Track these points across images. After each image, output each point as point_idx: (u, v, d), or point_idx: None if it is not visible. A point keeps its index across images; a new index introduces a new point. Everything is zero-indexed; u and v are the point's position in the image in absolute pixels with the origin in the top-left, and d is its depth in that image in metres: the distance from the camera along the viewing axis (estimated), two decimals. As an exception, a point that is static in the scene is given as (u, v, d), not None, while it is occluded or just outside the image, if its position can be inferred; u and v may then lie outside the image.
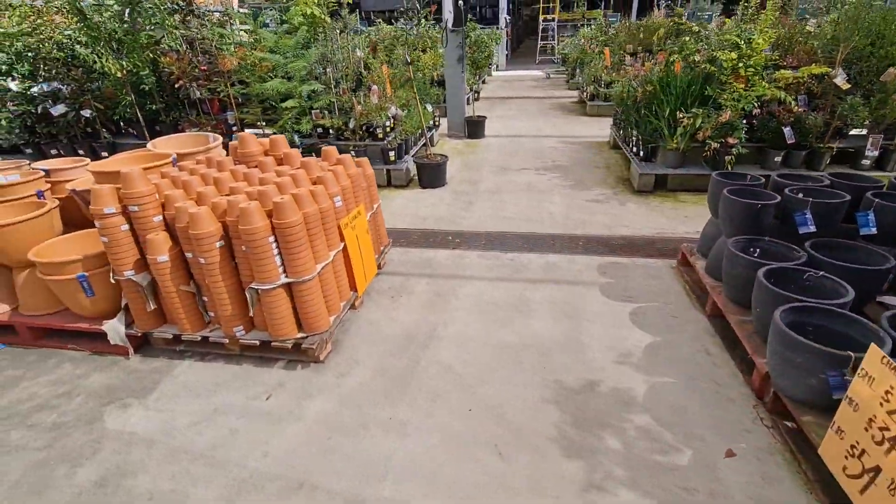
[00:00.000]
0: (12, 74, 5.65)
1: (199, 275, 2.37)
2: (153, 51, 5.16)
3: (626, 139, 5.69)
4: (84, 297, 2.48)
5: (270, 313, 2.32)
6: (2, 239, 2.44)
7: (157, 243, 2.26)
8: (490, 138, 7.35)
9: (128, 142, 5.90)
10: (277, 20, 5.42)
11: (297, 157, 2.75)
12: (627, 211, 4.35)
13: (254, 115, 5.14)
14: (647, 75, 5.23)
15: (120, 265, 2.35)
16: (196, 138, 3.47)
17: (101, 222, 2.26)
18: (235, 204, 2.18)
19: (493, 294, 3.06)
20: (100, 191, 2.23)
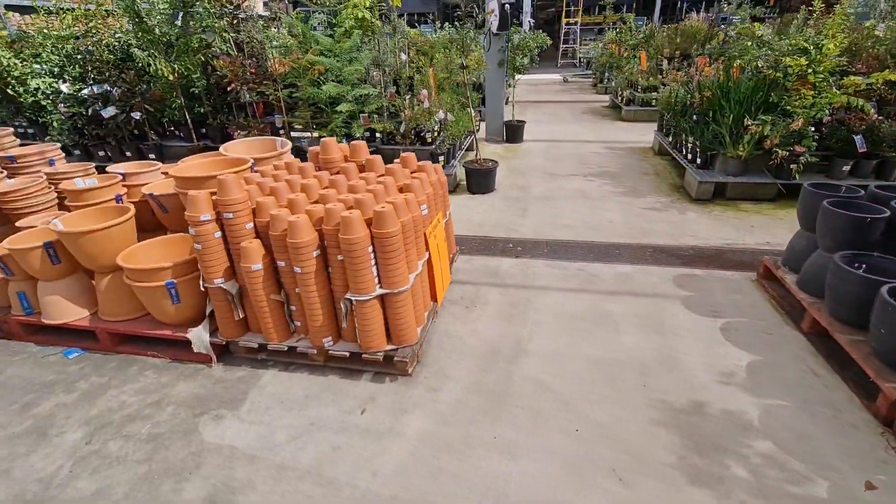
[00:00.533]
0: (63, 77, 5.71)
1: (288, 284, 2.33)
2: (205, 54, 5.16)
3: (678, 145, 5.57)
4: (170, 304, 2.44)
5: (363, 325, 2.26)
6: (92, 244, 2.41)
7: (251, 252, 2.21)
8: (529, 143, 7.27)
9: (174, 144, 5.92)
10: (325, 23, 5.39)
11: (380, 163, 2.70)
12: (689, 220, 4.23)
13: (303, 119, 5.12)
14: (703, 81, 5.10)
15: (211, 273, 2.32)
16: (263, 143, 3.44)
17: (197, 229, 2.22)
18: (335, 212, 2.13)
19: (571, 306, 2.97)
20: (196, 197, 2.19)
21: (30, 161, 3.48)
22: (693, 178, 4.74)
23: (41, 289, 2.62)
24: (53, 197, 3.29)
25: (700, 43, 8.82)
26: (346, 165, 2.65)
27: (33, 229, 2.67)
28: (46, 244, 2.48)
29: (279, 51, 5.02)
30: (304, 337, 2.45)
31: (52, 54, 5.63)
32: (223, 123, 5.72)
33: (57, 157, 3.63)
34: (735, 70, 4.84)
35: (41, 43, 5.66)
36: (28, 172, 3.47)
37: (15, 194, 3.10)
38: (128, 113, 5.49)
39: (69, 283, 2.64)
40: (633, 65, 9.71)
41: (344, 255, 2.14)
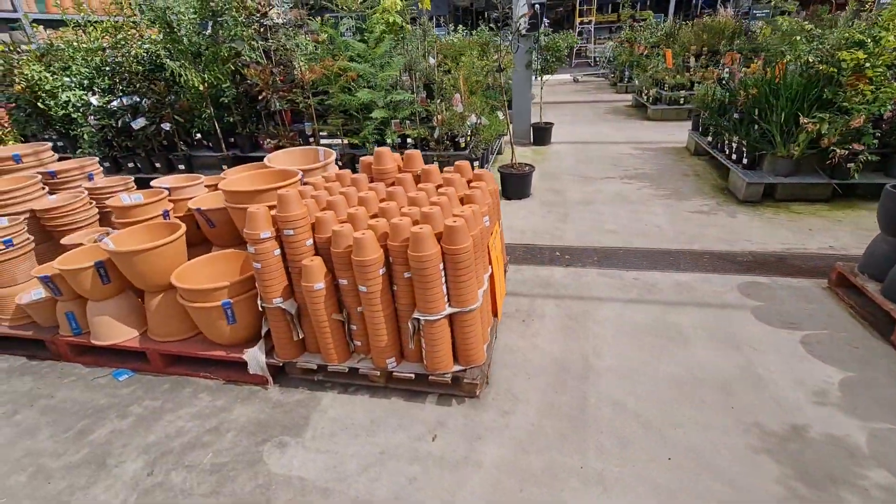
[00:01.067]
0: (93, 89, 5.69)
1: (350, 303, 2.22)
2: (234, 63, 5.11)
3: (718, 145, 5.38)
4: (225, 324, 2.35)
5: (431, 346, 2.14)
6: (145, 263, 2.33)
7: (313, 270, 2.11)
8: (557, 145, 7.12)
9: (202, 154, 5.88)
10: (353, 29, 5.31)
11: (436, 173, 2.58)
12: (741, 224, 4.06)
13: (334, 126, 5.03)
14: (747, 78, 4.92)
15: (269, 292, 2.22)
16: (305, 153, 3.35)
17: (256, 247, 2.12)
18: (402, 227, 2.01)
19: (633, 318, 2.83)
20: (256, 214, 2.10)
21: (70, 176, 3.43)
22: (740, 180, 4.56)
23: (90, 309, 2.55)
24: (95, 213, 3.24)
25: (728, 39, 8.60)
26: (402, 176, 2.54)
27: (83, 248, 2.60)
28: (97, 264, 2.40)
29: (309, 58, 4.94)
30: (364, 357, 2.34)
31: (82, 67, 5.62)
32: (252, 133, 5.66)
33: (95, 171, 3.58)
34: (780, 66, 4.65)
35: (71, 56, 5.65)
36: (68, 188, 3.42)
37: (57, 211, 3.04)
38: (158, 124, 5.45)
39: (118, 303, 2.57)
40: (656, 63, 9.51)
41: (413, 272, 2.02)
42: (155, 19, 4.70)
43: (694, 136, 6.27)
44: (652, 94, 8.79)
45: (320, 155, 3.33)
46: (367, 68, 4.59)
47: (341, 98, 4.74)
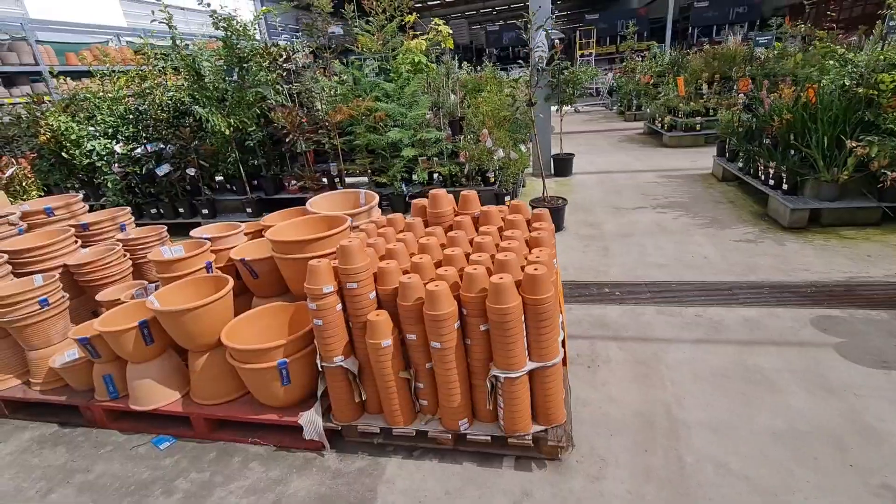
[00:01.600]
0: (117, 137, 5.70)
1: (417, 359, 2.04)
2: (261, 107, 5.10)
3: (751, 171, 5.28)
4: (279, 385, 2.17)
5: (511, 405, 1.95)
6: (195, 322, 2.17)
7: (380, 326, 1.94)
8: (579, 175, 7.05)
9: (225, 198, 5.83)
10: (376, 69, 5.33)
11: (496, 214, 2.45)
12: (792, 252, 3.89)
13: (362, 166, 4.97)
14: (780, 103, 4.86)
15: (330, 350, 2.05)
16: (346, 196, 3.24)
17: (319, 303, 1.96)
18: (478, 277, 1.86)
19: (707, 361, 2.62)
20: (318, 267, 1.95)
21: (102, 228, 3.33)
22: (782, 206, 4.42)
23: (130, 371, 2.38)
24: (129, 266, 3.11)
25: (739, 65, 8.67)
26: (461, 219, 2.40)
27: (123, 306, 2.45)
28: (141, 324, 2.25)
29: (335, 99, 4.94)
30: (431, 418, 2.14)
31: (107, 116, 5.64)
32: (277, 175, 5.61)
33: (127, 221, 3.48)
34: (811, 90, 4.59)
35: (96, 105, 5.69)
36: (101, 240, 3.31)
37: (91, 266, 2.92)
38: (183, 169, 5.42)
39: (161, 364, 2.40)
40: (667, 90, 9.57)
41: (492, 326, 1.85)
42: (184, 67, 4.72)
43: (721, 162, 6.18)
44: (667, 121, 8.79)
45: (361, 198, 3.22)
46: (396, 107, 4.55)
47: (369, 138, 4.69)
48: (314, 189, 5.37)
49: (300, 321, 2.46)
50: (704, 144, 8.53)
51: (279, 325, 2.48)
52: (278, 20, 5.10)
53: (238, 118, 5.08)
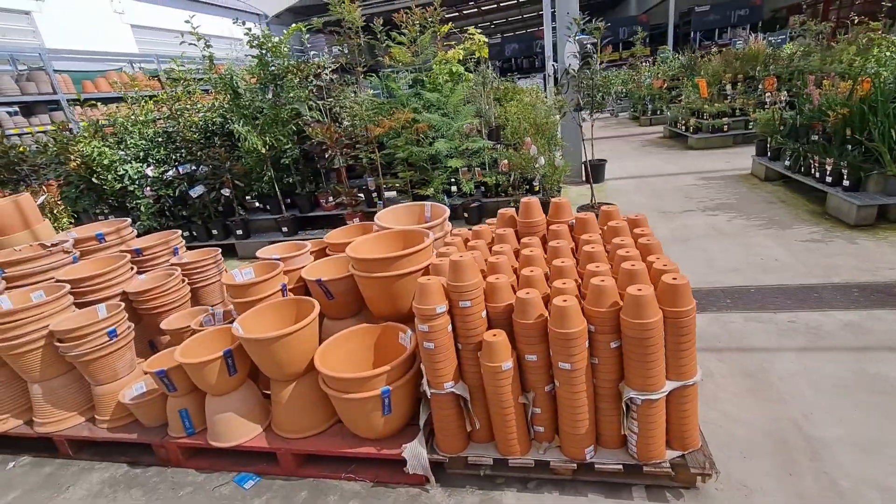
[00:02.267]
0: (147, 160, 5.61)
1: (535, 382, 1.87)
2: (296, 123, 5.00)
3: (801, 169, 5.12)
4: (379, 416, 1.99)
5: (647, 429, 1.76)
6: (285, 349, 2.01)
7: (499, 347, 1.78)
8: (612, 181, 6.92)
9: (259, 217, 5.70)
10: (409, 81, 5.24)
11: (593, 222, 2.29)
12: (869, 250, 3.71)
13: (402, 180, 4.84)
14: (833, 97, 4.71)
15: (440, 376, 1.88)
16: (410, 209, 3.10)
17: (431, 324, 1.80)
18: (608, 290, 1.70)
19: (823, 370, 2.44)
20: (429, 285, 1.79)
21: (155, 252, 3.19)
22: (846, 203, 4.25)
23: (210, 405, 2.21)
24: (188, 291, 2.97)
25: (763, 64, 8.58)
26: (557, 228, 2.25)
27: (200, 335, 2.29)
28: (226, 353, 2.09)
29: (372, 113, 4.83)
30: (548, 446, 1.96)
31: (138, 140, 5.55)
32: (312, 192, 5.49)
33: (180, 245, 3.34)
34: (866, 82, 4.45)
35: (126, 129, 5.61)
36: (154, 265, 3.17)
37: (152, 292, 2.77)
38: (217, 190, 5.30)
39: (242, 396, 2.23)
40: (688, 93, 9.48)
41: (629, 343, 1.68)
42: (221, 86, 4.63)
43: (762, 162, 6.02)
44: (692, 123, 8.67)
45: (427, 210, 3.08)
46: (441, 118, 4.44)
47: (411, 150, 4.57)
48: (352, 205, 5.25)
49: (387, 345, 2.30)
50: (733, 145, 8.39)
51: (365, 349, 2.32)
52: (306, 37, 4.98)
53: (273, 136, 4.98)
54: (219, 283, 3.29)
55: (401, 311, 2.34)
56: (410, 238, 2.55)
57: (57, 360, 2.45)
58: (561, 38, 6.47)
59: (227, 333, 2.34)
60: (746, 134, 8.28)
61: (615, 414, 1.84)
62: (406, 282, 2.25)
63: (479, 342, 1.87)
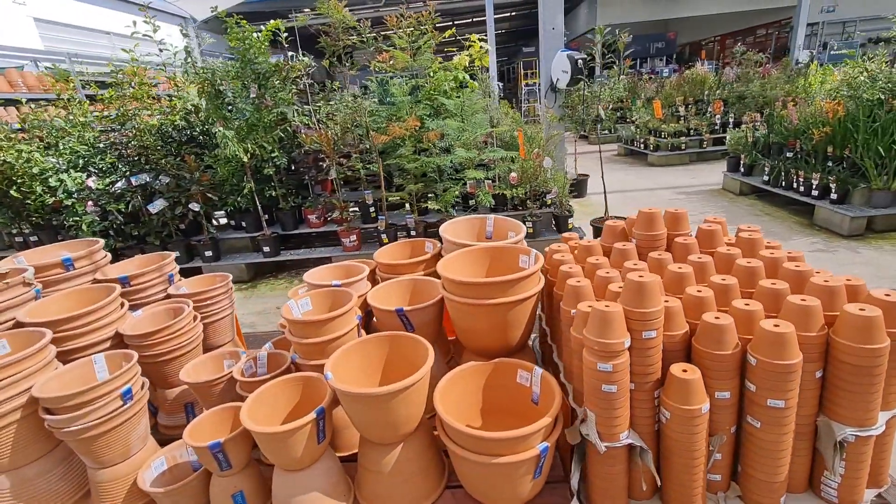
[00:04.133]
0: (88, 169, 4.67)
1: (721, 423, 1.57)
2: (283, 129, 4.41)
3: (781, 183, 5.43)
4: (529, 480, 1.58)
5: (856, 469, 1.53)
6: (404, 405, 1.55)
7: (696, 386, 1.46)
8: (595, 196, 6.97)
9: (231, 236, 4.95)
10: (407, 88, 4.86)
11: (720, 236, 2.07)
12: (875, 258, 3.92)
13: (408, 194, 4.42)
14: (815, 117, 5.05)
15: (616, 425, 1.52)
16: (471, 223, 2.72)
17: (615, 362, 1.44)
18: (814, 311, 1.46)
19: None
20: (612, 314, 1.44)
21: (146, 282, 2.51)
22: (838, 215, 4.52)
23: (284, 484, 1.65)
24: (200, 332, 2.34)
25: (710, 88, 9.28)
26: (686, 242, 2.00)
27: (265, 390, 1.73)
28: (319, 414, 1.57)
29: (379, 118, 4.39)
30: (724, 496, 1.66)
31: (77, 143, 4.60)
32: (298, 206, 4.87)
33: (174, 270, 2.67)
34: (839, 105, 4.83)
35: (66, 132, 4.63)
36: (145, 298, 2.48)
37: (158, 335, 2.14)
38: (184, 205, 4.51)
39: (326, 468, 1.70)
40: (641, 114, 10.00)
41: (848, 372, 1.45)
42: (202, 84, 3.95)
43: (736, 178, 6.37)
44: (651, 142, 9.11)
45: (489, 224, 2.72)
46: (461, 125, 4.10)
47: (421, 160, 4.18)
48: (347, 221, 4.72)
49: (499, 385, 1.89)
50: (689, 162, 8.93)
51: (473, 393, 1.89)
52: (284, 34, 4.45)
53: (255, 142, 4.34)
54: (230, 317, 2.66)
55: (510, 343, 1.95)
56: (501, 256, 2.18)
57: (38, 439, 1.75)
58: (546, 52, 6.46)
59: (294, 386, 1.80)
60: (701, 152, 8.87)
61: (807, 454, 1.60)
62: (523, 308, 1.87)
63: (656, 380, 1.55)
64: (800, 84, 8.24)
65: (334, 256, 4.65)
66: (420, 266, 2.46)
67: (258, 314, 4.11)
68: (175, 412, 2.30)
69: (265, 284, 4.76)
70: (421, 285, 2.29)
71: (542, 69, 6.75)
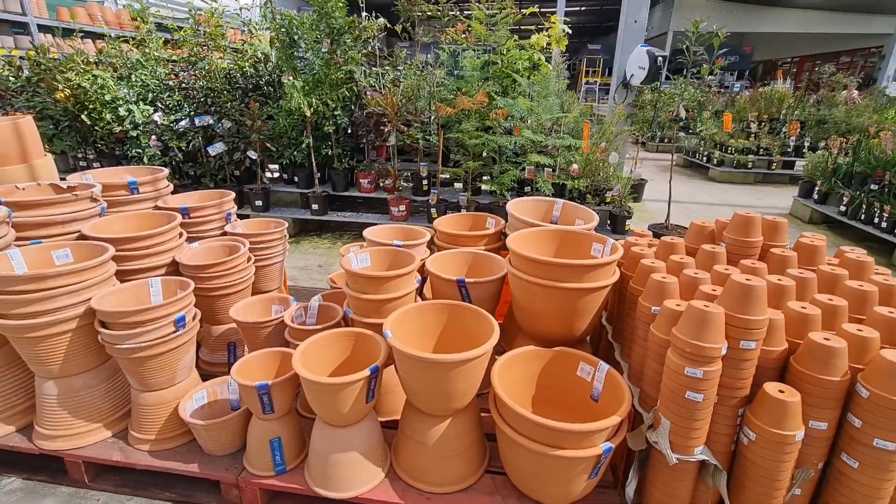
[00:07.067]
0: (156, 104, 4.74)
1: (811, 456, 1.41)
2: (349, 89, 4.34)
3: (864, 217, 5.01)
4: (584, 480, 1.47)
5: (963, 535, 1.35)
6: (463, 377, 1.46)
7: (794, 409, 1.30)
8: (651, 202, 6.67)
9: (284, 189, 4.96)
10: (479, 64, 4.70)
11: (823, 254, 1.87)
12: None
13: (465, 171, 4.30)
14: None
15: (694, 438, 1.38)
16: (537, 205, 2.60)
17: (707, 369, 1.30)
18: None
19: None
20: (713, 315, 1.29)
21: (206, 216, 2.49)
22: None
23: (325, 439, 1.59)
24: (252, 273, 2.31)
25: (790, 108, 8.68)
26: (785, 255, 1.81)
27: (318, 339, 1.67)
28: (373, 371, 1.49)
29: (447, 90, 4.27)
30: (796, 536, 1.50)
31: (150, 77, 4.68)
32: (352, 168, 4.83)
33: (233, 210, 2.65)
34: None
35: (141, 64, 4.71)
36: (202, 232, 2.47)
37: (214, 269, 2.11)
38: (242, 151, 4.53)
39: (368, 430, 1.63)
40: (707, 125, 9.48)
41: (981, 424, 1.26)
42: (276, 31, 3.92)
43: (807, 204, 5.95)
44: (716, 156, 8.63)
45: (556, 209, 2.58)
46: (536, 106, 3.93)
47: (487, 138, 4.04)
48: (398, 190, 4.64)
49: (556, 374, 1.77)
50: (754, 182, 8.43)
51: (527, 380, 1.78)
52: None
53: (321, 98, 4.29)
54: (280, 264, 2.63)
55: (574, 333, 1.83)
56: (572, 242, 2.04)
57: (89, 351, 1.75)
58: (624, 46, 6.14)
59: (346, 340, 1.73)
60: (768, 173, 8.35)
61: (903, 507, 1.42)
62: (595, 298, 1.74)
63: (744, 397, 1.40)
64: (889, 115, 7.61)
65: (380, 224, 4.58)
66: (482, 240, 2.35)
67: (300, 269, 4.11)
68: (218, 350, 2.28)
69: (308, 242, 4.76)
70: (481, 259, 2.18)
71: (617, 64, 6.45)
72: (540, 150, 4.35)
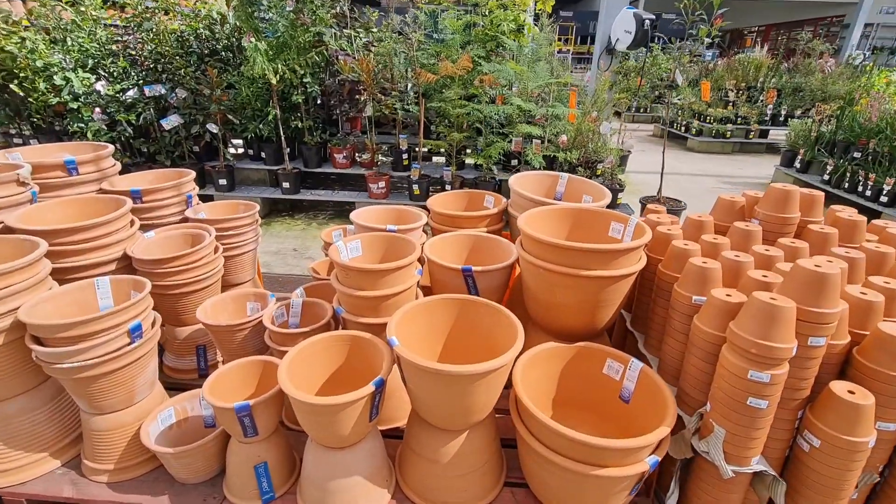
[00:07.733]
0: (97, 72, 4.20)
1: (875, 461, 1.27)
2: (320, 52, 3.93)
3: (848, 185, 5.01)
4: (625, 496, 1.29)
5: None
6: (485, 389, 1.24)
7: (867, 413, 1.14)
8: (635, 174, 6.53)
9: (248, 166, 4.54)
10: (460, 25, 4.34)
11: (862, 230, 1.71)
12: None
13: (449, 144, 4.00)
14: None
15: (752, 447, 1.21)
16: (541, 179, 2.36)
17: (775, 372, 1.11)
18: None
19: None
20: (786, 311, 1.10)
21: (162, 200, 2.14)
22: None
23: (323, 463, 1.35)
24: (221, 265, 2.00)
25: (767, 76, 8.64)
26: (825, 231, 1.64)
27: (306, 346, 1.40)
28: (377, 385, 1.25)
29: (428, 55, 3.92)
30: (847, 541, 1.38)
31: (88, 40, 4.12)
32: (325, 142, 4.45)
33: (193, 191, 2.30)
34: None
35: (77, 26, 4.13)
36: (157, 218, 2.13)
37: (175, 263, 1.80)
38: (201, 125, 4.09)
39: (371, 449, 1.40)
40: (687, 95, 9.38)
41: None
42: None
43: (788, 173, 5.94)
44: (695, 125, 8.56)
45: (560, 184, 2.35)
46: (524, 70, 3.64)
47: (472, 107, 3.74)
48: (376, 164, 4.32)
49: (579, 373, 1.58)
50: (732, 152, 8.42)
51: (548, 378, 1.58)
52: None
53: (287, 64, 3.87)
54: (252, 253, 2.32)
55: (596, 326, 1.63)
56: (587, 221, 1.83)
57: (23, 370, 1.43)
58: (609, 8, 5.87)
59: (340, 346, 1.48)
60: (745, 143, 8.35)
61: (964, 506, 1.30)
62: (621, 286, 1.54)
63: (805, 398, 1.23)
64: (862, 83, 7.67)
65: (358, 202, 4.27)
66: (483, 220, 2.10)
67: (273, 254, 3.78)
68: (185, 354, 1.99)
69: (280, 223, 4.41)
70: (483, 243, 1.94)
71: (601, 28, 6.18)
72: (528, 120, 4.09)
